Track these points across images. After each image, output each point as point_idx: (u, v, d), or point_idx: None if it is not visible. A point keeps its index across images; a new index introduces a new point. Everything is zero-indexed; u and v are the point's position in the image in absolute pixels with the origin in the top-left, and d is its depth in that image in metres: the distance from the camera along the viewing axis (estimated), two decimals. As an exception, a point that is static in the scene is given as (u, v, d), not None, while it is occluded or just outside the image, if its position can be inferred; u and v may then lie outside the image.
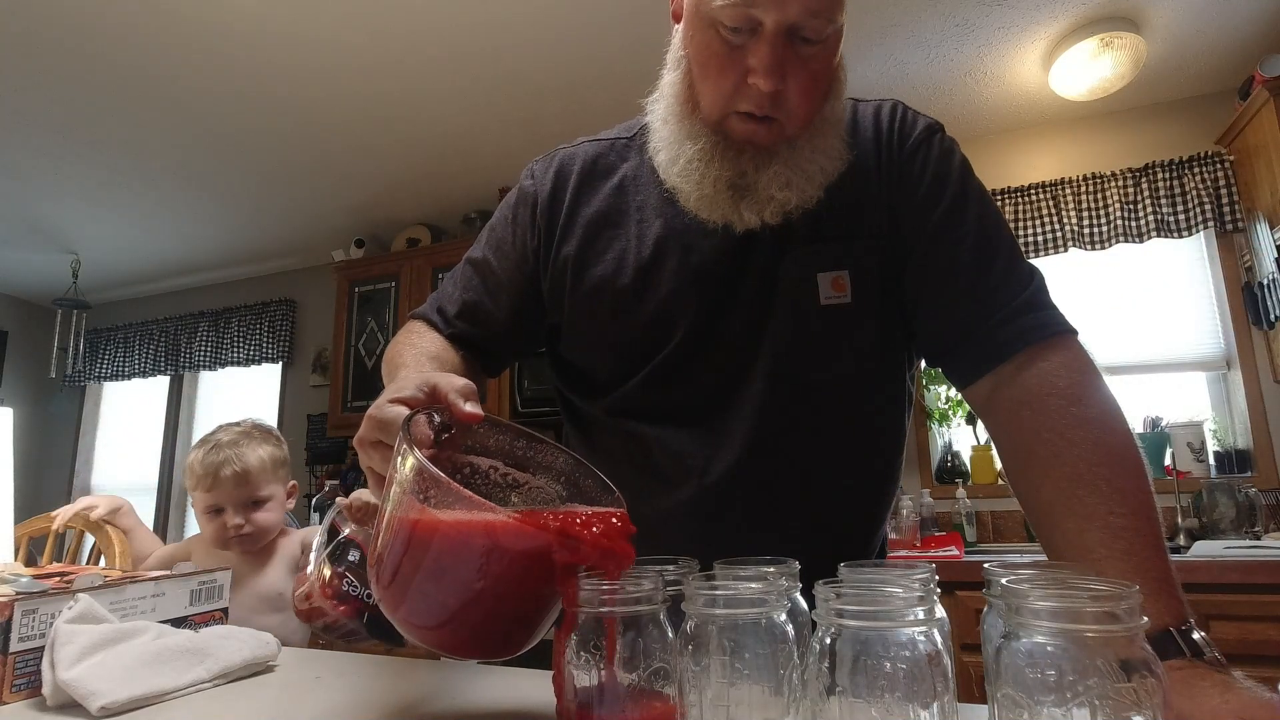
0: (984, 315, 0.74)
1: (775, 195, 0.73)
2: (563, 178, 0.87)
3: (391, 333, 3.43)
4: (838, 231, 0.77)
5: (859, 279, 0.77)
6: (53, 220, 3.68)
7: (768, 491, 0.79)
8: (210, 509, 1.35)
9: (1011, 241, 0.78)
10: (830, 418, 0.80)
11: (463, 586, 0.49)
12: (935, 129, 0.82)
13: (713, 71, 0.71)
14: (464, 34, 2.30)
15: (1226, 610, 1.74)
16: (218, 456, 1.34)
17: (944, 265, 0.76)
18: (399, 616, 0.51)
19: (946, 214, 0.77)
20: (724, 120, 0.73)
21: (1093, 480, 0.62)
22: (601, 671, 0.45)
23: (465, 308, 0.90)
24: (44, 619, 0.67)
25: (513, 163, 3.10)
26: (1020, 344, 0.71)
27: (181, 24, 2.23)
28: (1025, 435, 0.69)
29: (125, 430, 4.66)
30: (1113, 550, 0.59)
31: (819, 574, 0.44)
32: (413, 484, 0.49)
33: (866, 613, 0.37)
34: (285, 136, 2.91)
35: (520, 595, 0.50)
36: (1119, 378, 2.65)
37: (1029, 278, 0.75)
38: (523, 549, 0.48)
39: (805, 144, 0.74)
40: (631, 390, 0.81)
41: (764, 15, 0.65)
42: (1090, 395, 0.68)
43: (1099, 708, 0.33)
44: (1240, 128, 2.44)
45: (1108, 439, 0.65)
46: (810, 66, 0.69)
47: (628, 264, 0.81)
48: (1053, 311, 0.74)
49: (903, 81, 2.57)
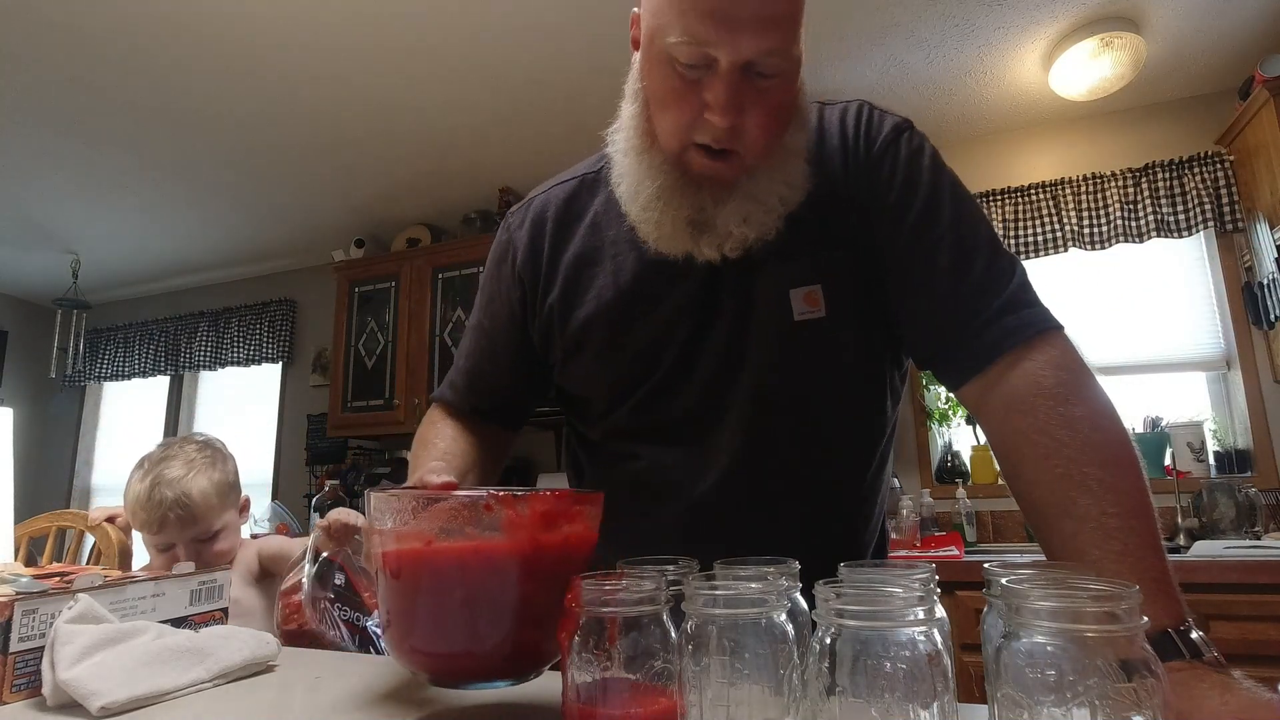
0: (966, 320, 0.73)
1: (733, 231, 0.74)
2: (539, 227, 0.89)
3: (392, 333, 3.43)
4: (808, 245, 0.77)
5: (832, 292, 0.77)
6: (53, 220, 3.68)
7: (758, 506, 0.80)
8: (159, 546, 1.28)
9: (990, 236, 0.76)
10: (816, 431, 0.81)
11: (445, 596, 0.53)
12: (903, 128, 0.80)
13: (670, 106, 0.71)
14: (464, 34, 2.30)
15: (1226, 610, 1.74)
16: (160, 496, 1.24)
17: (922, 273, 0.75)
18: (407, 647, 0.55)
19: (920, 218, 0.75)
20: (683, 152, 0.73)
21: (1084, 480, 0.62)
22: (604, 670, 0.45)
23: (470, 378, 0.94)
24: (44, 619, 0.67)
25: (513, 163, 3.11)
26: (1004, 346, 0.70)
27: (182, 25, 2.23)
28: (1016, 438, 0.68)
29: (125, 430, 4.66)
30: (1107, 552, 0.58)
31: (815, 578, 0.44)
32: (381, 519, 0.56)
33: (866, 613, 0.37)
34: (285, 137, 2.91)
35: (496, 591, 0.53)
36: (1119, 378, 2.65)
37: (1010, 274, 0.74)
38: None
39: (765, 175, 0.74)
40: (623, 416, 0.85)
41: (719, 53, 0.65)
42: (1078, 393, 0.66)
43: (1099, 708, 0.33)
44: (1240, 128, 2.44)
45: (1097, 437, 0.64)
46: (768, 99, 0.69)
47: (608, 301, 0.82)
48: (1036, 309, 0.73)
49: (903, 81, 2.57)
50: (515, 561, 0.53)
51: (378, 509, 0.56)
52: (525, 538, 0.53)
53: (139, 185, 3.32)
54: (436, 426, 0.93)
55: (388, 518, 0.55)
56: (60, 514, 1.61)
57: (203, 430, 1.57)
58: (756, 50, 0.65)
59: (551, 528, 0.54)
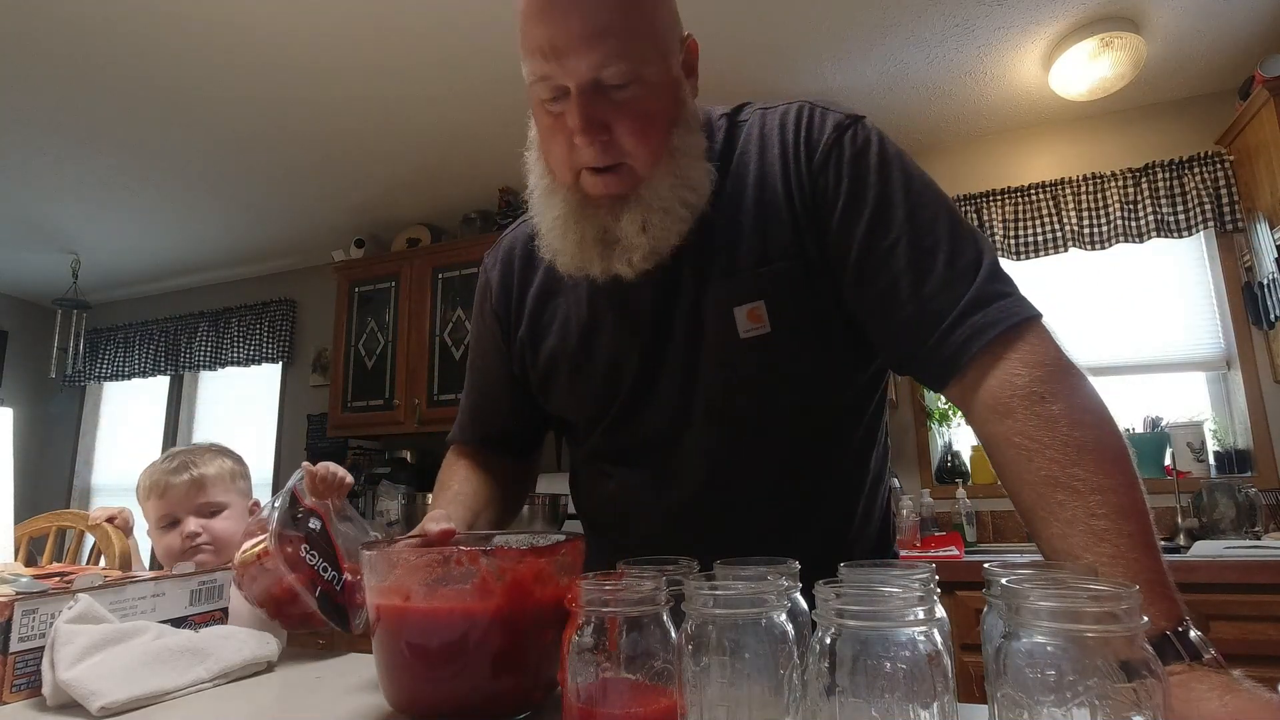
0: (932, 325, 0.70)
1: (635, 241, 0.74)
2: (508, 265, 0.94)
3: (392, 333, 3.43)
4: (750, 260, 0.77)
5: (775, 306, 0.76)
6: (53, 220, 3.68)
7: (726, 522, 0.82)
8: (164, 519, 1.25)
9: (950, 228, 0.72)
10: (777, 447, 0.81)
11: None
12: (844, 126, 0.77)
13: (551, 142, 0.75)
14: (464, 34, 2.30)
15: (1226, 610, 1.74)
16: (174, 462, 1.26)
17: (882, 282, 0.72)
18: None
19: (872, 223, 0.73)
20: (576, 180, 0.76)
21: (1068, 482, 0.60)
22: (604, 670, 0.45)
23: (474, 415, 1.00)
24: (44, 619, 0.67)
25: (513, 163, 3.08)
26: (973, 348, 0.67)
27: (182, 24, 2.23)
28: (997, 440, 0.66)
29: (125, 430, 4.66)
30: (1099, 555, 0.56)
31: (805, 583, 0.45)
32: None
33: (866, 613, 0.37)
34: (285, 136, 2.91)
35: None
36: (1119, 378, 2.65)
37: (975, 265, 0.70)
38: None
39: (659, 180, 0.74)
40: (598, 438, 0.88)
41: (565, 80, 0.69)
42: (1054, 389, 0.64)
43: (1099, 708, 0.34)
44: (1240, 128, 2.44)
45: (1078, 435, 0.61)
46: (633, 108, 0.70)
47: (571, 329, 0.85)
48: (1005, 302, 0.69)
49: (903, 82, 2.57)
50: (487, 616, 0.55)
51: (365, 564, 0.60)
52: (498, 592, 0.55)
53: (139, 185, 3.31)
54: (452, 469, 0.97)
55: (372, 572, 0.59)
56: (60, 514, 1.61)
57: (203, 430, 1.58)
58: (592, 66, 0.67)
59: (522, 581, 0.56)
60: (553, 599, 0.56)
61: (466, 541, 0.71)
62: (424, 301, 3.38)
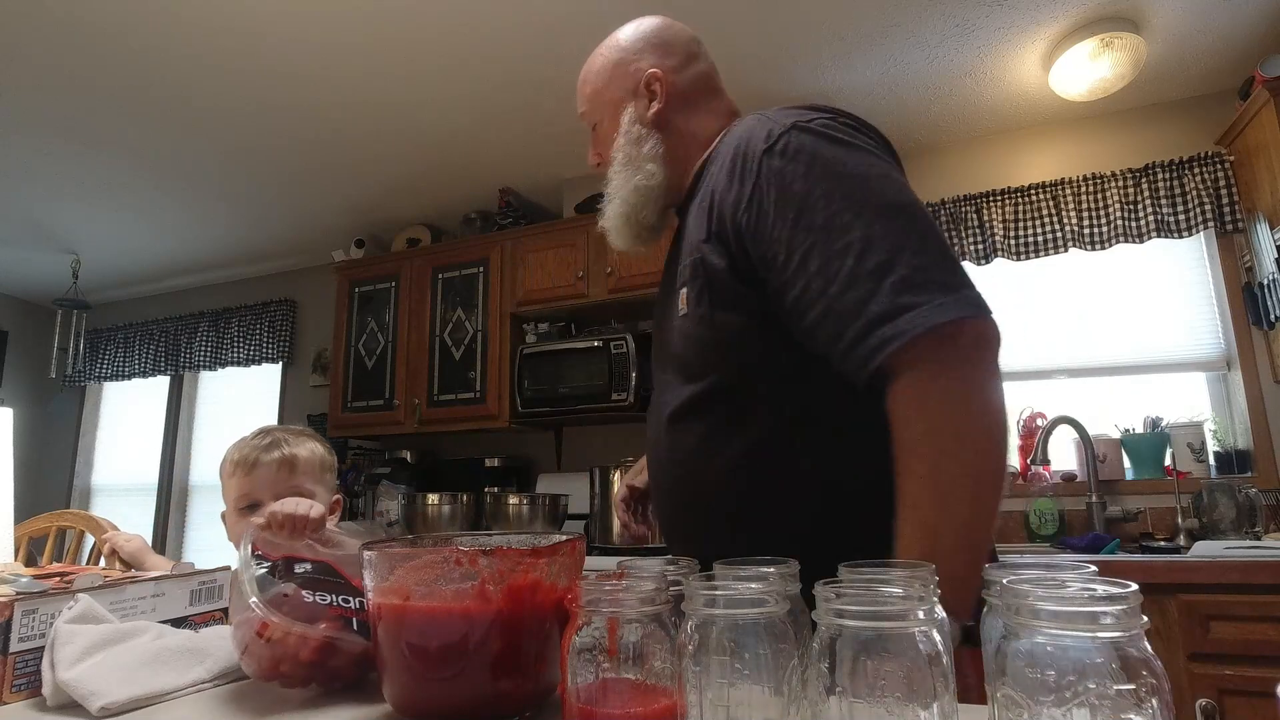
0: (835, 340, 0.74)
1: (602, 223, 1.06)
2: None
3: (392, 333, 3.43)
4: (690, 249, 0.90)
5: (691, 293, 0.87)
6: (53, 220, 3.68)
7: (684, 500, 0.91)
8: (244, 499, 1.13)
9: (866, 229, 0.72)
10: (715, 430, 0.86)
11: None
12: (774, 136, 0.81)
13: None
14: (464, 33, 2.30)
15: (1226, 610, 1.74)
16: (264, 441, 1.17)
17: (798, 286, 0.76)
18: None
19: (792, 233, 0.77)
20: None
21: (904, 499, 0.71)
22: (604, 670, 0.45)
23: None
24: (44, 619, 0.67)
25: (513, 163, 3.11)
26: (869, 367, 0.71)
27: (182, 25, 2.23)
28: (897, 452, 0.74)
29: (125, 430, 4.66)
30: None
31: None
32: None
33: (866, 613, 0.37)
34: (285, 137, 2.91)
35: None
36: (1119, 378, 2.65)
37: (884, 270, 0.70)
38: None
39: (618, 177, 1.02)
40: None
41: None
42: (915, 417, 0.71)
43: (1098, 708, 0.33)
44: (1240, 128, 2.44)
45: (921, 460, 0.70)
46: (598, 134, 1.10)
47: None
48: (912, 312, 0.68)
49: (903, 82, 2.57)
50: (487, 617, 0.54)
51: (365, 563, 0.59)
52: (498, 592, 0.54)
53: (139, 185, 3.32)
54: None
55: (371, 572, 0.58)
56: (60, 514, 1.61)
57: (203, 430, 1.54)
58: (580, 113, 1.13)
59: (522, 582, 0.55)
60: (553, 599, 0.56)
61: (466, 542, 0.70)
62: (424, 301, 3.38)
